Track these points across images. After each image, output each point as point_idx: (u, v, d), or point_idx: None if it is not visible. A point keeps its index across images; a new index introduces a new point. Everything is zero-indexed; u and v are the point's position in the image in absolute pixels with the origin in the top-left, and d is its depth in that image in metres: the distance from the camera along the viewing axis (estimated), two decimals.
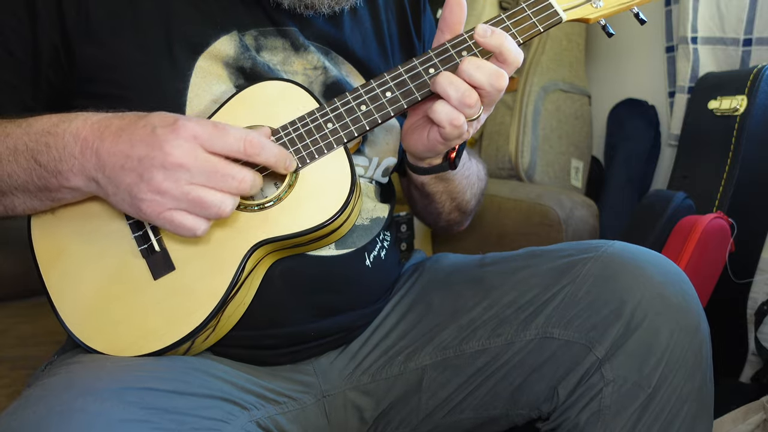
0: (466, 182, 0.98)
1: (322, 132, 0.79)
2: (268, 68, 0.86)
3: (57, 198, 0.75)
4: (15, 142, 0.73)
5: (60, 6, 0.80)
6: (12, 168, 0.73)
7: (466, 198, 1.00)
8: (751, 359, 1.48)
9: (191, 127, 0.67)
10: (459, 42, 0.80)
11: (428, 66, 0.80)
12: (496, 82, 0.75)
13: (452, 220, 1.04)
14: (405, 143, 0.88)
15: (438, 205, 0.99)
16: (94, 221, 0.78)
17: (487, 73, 0.75)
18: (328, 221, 0.77)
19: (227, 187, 0.69)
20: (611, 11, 0.84)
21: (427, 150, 0.85)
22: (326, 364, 0.91)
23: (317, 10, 0.87)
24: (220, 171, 0.68)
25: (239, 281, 0.76)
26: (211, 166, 0.68)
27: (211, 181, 0.68)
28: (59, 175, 0.71)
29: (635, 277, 0.81)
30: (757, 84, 1.38)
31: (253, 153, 0.70)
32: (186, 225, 0.69)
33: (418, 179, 0.93)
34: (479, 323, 0.89)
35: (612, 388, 0.79)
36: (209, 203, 0.68)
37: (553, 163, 1.75)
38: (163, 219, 0.69)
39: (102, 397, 0.62)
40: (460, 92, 0.75)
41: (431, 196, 0.97)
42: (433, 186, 0.95)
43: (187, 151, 0.67)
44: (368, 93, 0.80)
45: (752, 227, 1.42)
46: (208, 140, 0.68)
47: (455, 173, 0.92)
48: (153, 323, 0.75)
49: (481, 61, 0.75)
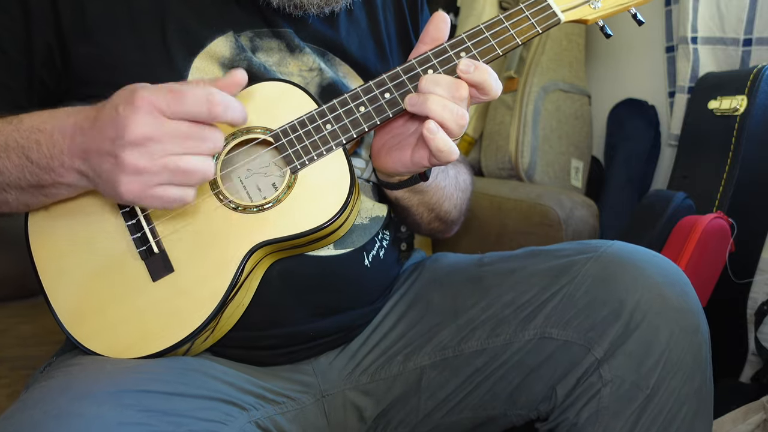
0: (442, 193, 0.94)
1: (321, 133, 0.79)
2: (264, 69, 0.86)
3: (51, 194, 0.74)
4: (6, 139, 0.73)
5: (55, 5, 0.79)
6: (4, 164, 0.73)
7: (444, 209, 0.97)
8: (751, 359, 1.48)
9: (148, 97, 0.64)
10: (457, 42, 0.80)
11: (427, 67, 0.80)
12: (456, 92, 0.75)
13: (434, 228, 1.01)
14: (379, 163, 0.85)
15: (416, 217, 0.96)
16: (92, 223, 0.77)
17: (446, 85, 0.75)
18: (327, 223, 0.77)
19: (202, 150, 0.66)
20: (609, 12, 0.84)
21: (409, 170, 0.83)
22: (325, 364, 0.91)
23: (306, 10, 0.86)
24: (189, 135, 0.65)
25: (238, 283, 0.76)
26: (179, 133, 0.65)
27: (184, 147, 0.65)
28: (52, 172, 0.71)
29: (634, 278, 0.80)
30: (757, 84, 1.38)
31: (218, 113, 0.66)
32: (173, 197, 0.67)
33: (391, 194, 0.91)
34: (478, 323, 0.89)
35: (610, 389, 0.79)
36: (190, 170, 0.66)
37: (553, 163, 1.75)
38: (150, 197, 0.66)
39: (99, 400, 0.62)
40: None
41: (408, 209, 0.94)
42: (407, 200, 0.92)
43: (149, 122, 0.64)
44: (367, 94, 0.80)
45: (752, 227, 1.42)
46: (167, 107, 0.65)
47: (428, 185, 0.89)
48: (152, 325, 0.75)
49: (439, 76, 0.76)
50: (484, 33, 0.81)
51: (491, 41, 0.80)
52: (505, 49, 0.81)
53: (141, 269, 0.76)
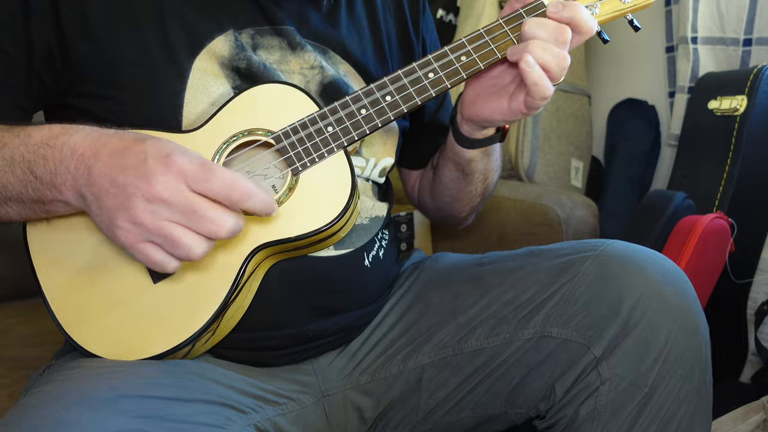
0: (496, 163, 1.01)
1: (323, 136, 0.79)
2: (265, 67, 0.86)
3: (50, 210, 0.74)
4: (12, 153, 0.72)
5: (55, 3, 0.79)
6: (8, 179, 0.72)
7: (492, 179, 1.02)
8: (751, 359, 1.48)
9: (180, 163, 0.65)
10: (457, 47, 0.81)
11: (428, 71, 0.81)
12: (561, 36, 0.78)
13: (473, 207, 1.06)
14: (473, 111, 0.88)
15: (472, 187, 1.00)
16: (92, 225, 0.76)
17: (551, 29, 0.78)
18: (329, 225, 0.77)
19: (203, 230, 0.66)
20: (606, 18, 0.85)
21: (505, 117, 0.85)
22: (325, 364, 0.91)
23: None
24: (198, 212, 0.65)
25: (239, 285, 0.76)
26: (191, 206, 0.65)
27: (188, 221, 0.65)
28: (53, 188, 0.70)
29: (634, 276, 0.80)
30: (757, 84, 1.39)
31: (239, 201, 0.67)
32: (155, 259, 0.67)
33: (466, 155, 0.93)
34: (478, 322, 0.89)
35: (608, 387, 0.79)
36: (180, 243, 0.65)
37: (553, 163, 1.75)
38: (136, 250, 0.67)
39: (96, 406, 0.62)
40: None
41: (471, 175, 0.97)
42: (477, 162, 0.95)
43: (171, 186, 0.65)
44: (368, 97, 0.80)
45: (752, 227, 1.42)
46: (193, 179, 0.65)
47: (496, 147, 0.96)
48: (152, 327, 0.74)
49: (543, 20, 0.79)
50: (485, 37, 0.82)
51: (491, 45, 0.81)
52: (505, 54, 0.81)
53: (141, 271, 0.76)
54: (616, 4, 0.85)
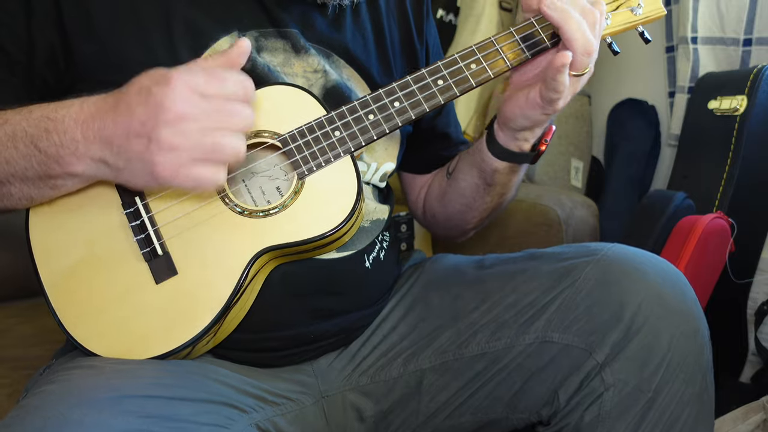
0: (517, 183, 0.99)
1: (330, 140, 0.79)
2: (269, 69, 0.85)
3: (57, 185, 0.73)
4: (14, 128, 0.71)
5: (58, 3, 0.78)
6: (10, 154, 0.71)
7: (508, 197, 1.00)
8: (751, 359, 1.48)
9: (184, 77, 0.66)
10: (468, 54, 0.81)
11: (437, 77, 0.81)
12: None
13: (482, 219, 1.04)
14: (501, 113, 0.88)
15: (488, 198, 0.98)
16: (95, 223, 0.76)
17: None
18: (334, 230, 0.77)
19: (234, 125, 0.67)
20: (618, 30, 0.85)
21: (523, 111, 0.85)
22: (325, 365, 0.91)
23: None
24: (221, 111, 0.66)
25: (243, 287, 0.76)
26: (213, 108, 0.66)
27: (217, 122, 0.66)
28: (61, 160, 0.70)
29: (635, 281, 0.80)
30: (757, 84, 1.39)
31: (251, 88, 0.69)
32: (206, 176, 0.67)
33: (493, 164, 0.92)
34: (478, 327, 0.88)
35: (612, 393, 0.79)
36: (222, 145, 0.66)
37: (553, 163, 1.75)
38: (183, 176, 0.67)
39: (99, 406, 0.61)
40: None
41: (491, 186, 0.95)
42: (502, 175, 0.93)
43: (185, 100, 0.65)
44: (376, 102, 0.80)
45: (752, 227, 1.42)
46: (206, 87, 0.66)
47: (523, 168, 0.94)
48: (154, 328, 0.74)
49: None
50: (495, 46, 0.82)
51: (501, 54, 0.82)
52: (515, 62, 0.82)
53: (144, 271, 0.75)
54: (628, 16, 0.85)
